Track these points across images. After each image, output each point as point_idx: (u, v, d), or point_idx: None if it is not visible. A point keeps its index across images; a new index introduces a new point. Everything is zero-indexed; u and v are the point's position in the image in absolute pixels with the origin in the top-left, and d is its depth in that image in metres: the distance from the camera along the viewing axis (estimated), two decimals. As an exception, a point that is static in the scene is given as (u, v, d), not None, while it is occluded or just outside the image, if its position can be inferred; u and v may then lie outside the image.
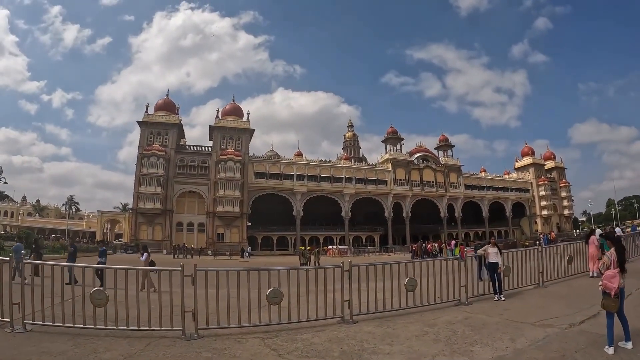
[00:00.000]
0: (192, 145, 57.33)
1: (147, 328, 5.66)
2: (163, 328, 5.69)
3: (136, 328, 5.65)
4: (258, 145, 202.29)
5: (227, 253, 43.06)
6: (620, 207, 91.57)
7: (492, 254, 9.01)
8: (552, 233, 56.71)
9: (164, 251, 47.88)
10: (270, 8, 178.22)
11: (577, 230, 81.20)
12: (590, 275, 11.20)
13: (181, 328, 5.65)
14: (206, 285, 5.82)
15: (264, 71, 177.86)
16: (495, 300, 8.44)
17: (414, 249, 35.76)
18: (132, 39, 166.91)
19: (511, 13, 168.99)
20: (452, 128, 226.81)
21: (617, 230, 19.97)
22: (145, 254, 12.26)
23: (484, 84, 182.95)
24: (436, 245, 34.60)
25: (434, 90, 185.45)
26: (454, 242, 33.11)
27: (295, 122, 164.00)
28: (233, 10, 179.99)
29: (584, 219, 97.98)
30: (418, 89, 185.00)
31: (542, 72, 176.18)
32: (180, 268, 5.70)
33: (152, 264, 11.87)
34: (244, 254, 43.38)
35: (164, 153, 52.16)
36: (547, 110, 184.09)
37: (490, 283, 8.94)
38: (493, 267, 8.80)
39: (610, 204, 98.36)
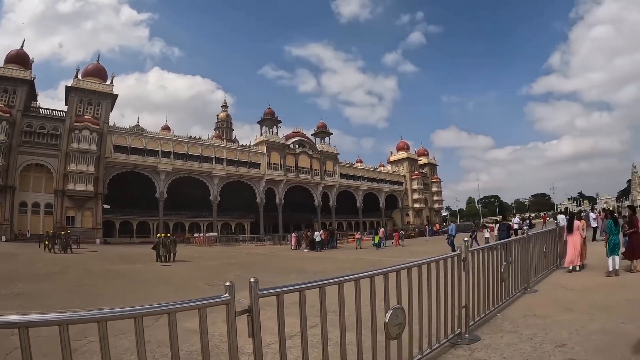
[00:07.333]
0: (43, 108, 56.77)
1: None
2: None
3: None
4: (126, 125, 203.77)
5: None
6: (480, 205, 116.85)
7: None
8: (436, 225, 72.39)
9: (3, 238, 47.16)
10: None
11: (445, 223, 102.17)
12: (572, 268, 11.25)
13: None
14: None
15: (141, 49, 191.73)
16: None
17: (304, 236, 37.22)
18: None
19: (389, 25, 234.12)
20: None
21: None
22: None
23: (357, 85, 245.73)
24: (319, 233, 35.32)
25: (308, 86, 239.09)
26: (382, 229, 38.38)
27: (168, 104, 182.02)
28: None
29: (447, 213, 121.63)
30: (293, 84, 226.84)
31: (411, 81, 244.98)
32: None
33: None
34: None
35: (8, 115, 50.47)
36: (413, 115, 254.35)
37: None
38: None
39: (470, 201, 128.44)
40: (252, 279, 2.80)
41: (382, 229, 39.79)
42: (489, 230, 27.66)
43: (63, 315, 2.18)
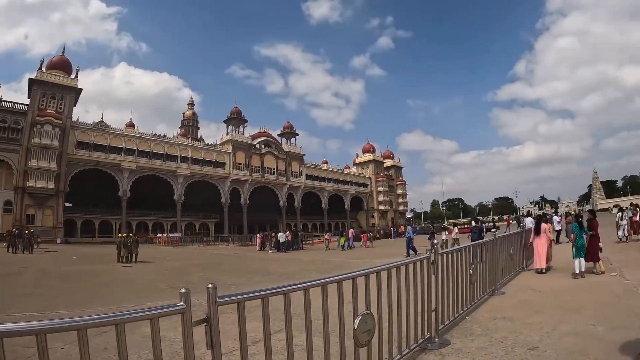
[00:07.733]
0: (4, 101, 54.51)
1: None
2: None
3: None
4: (90, 121, 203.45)
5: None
6: (444, 208, 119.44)
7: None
8: (402, 226, 73.34)
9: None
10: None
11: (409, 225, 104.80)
12: (539, 270, 11.54)
13: None
14: None
15: (108, 43, 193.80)
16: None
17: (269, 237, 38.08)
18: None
19: (358, 28, 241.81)
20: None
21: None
22: None
23: (324, 87, 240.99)
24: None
25: (276, 86, 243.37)
26: (352, 230, 40.18)
27: (133, 100, 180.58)
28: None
29: (411, 215, 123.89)
30: (261, 84, 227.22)
31: (378, 84, 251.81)
32: None
33: None
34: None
35: (-33, 108, 49.73)
36: (379, 118, 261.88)
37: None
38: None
39: (435, 204, 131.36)
40: (210, 286, 2.57)
41: (352, 230, 40.77)
42: (446, 232, 28.33)
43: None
